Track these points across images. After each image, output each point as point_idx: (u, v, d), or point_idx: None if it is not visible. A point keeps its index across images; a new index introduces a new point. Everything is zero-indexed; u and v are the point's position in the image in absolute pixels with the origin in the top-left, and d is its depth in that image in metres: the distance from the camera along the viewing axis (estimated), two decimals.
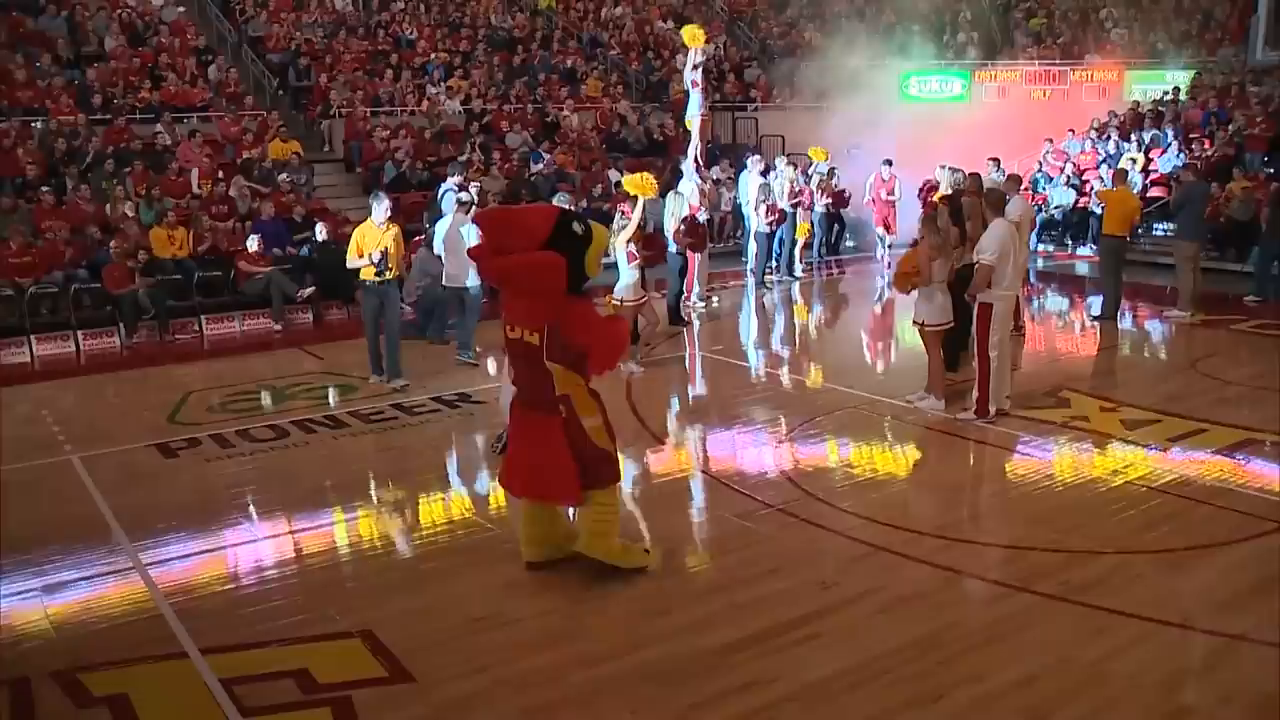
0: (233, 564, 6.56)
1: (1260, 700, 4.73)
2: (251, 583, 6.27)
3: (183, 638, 5.51)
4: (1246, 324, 12.91)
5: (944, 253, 9.09)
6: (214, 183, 16.27)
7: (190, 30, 21.23)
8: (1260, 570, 6.01)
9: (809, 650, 5.19)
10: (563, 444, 5.82)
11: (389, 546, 6.87)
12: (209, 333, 13.93)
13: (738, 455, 8.56)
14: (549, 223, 5.78)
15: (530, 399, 5.99)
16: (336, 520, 7.25)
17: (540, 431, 5.91)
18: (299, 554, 6.69)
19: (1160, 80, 23.52)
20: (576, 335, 5.76)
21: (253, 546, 6.80)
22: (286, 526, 7.12)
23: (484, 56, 23.20)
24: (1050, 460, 8.02)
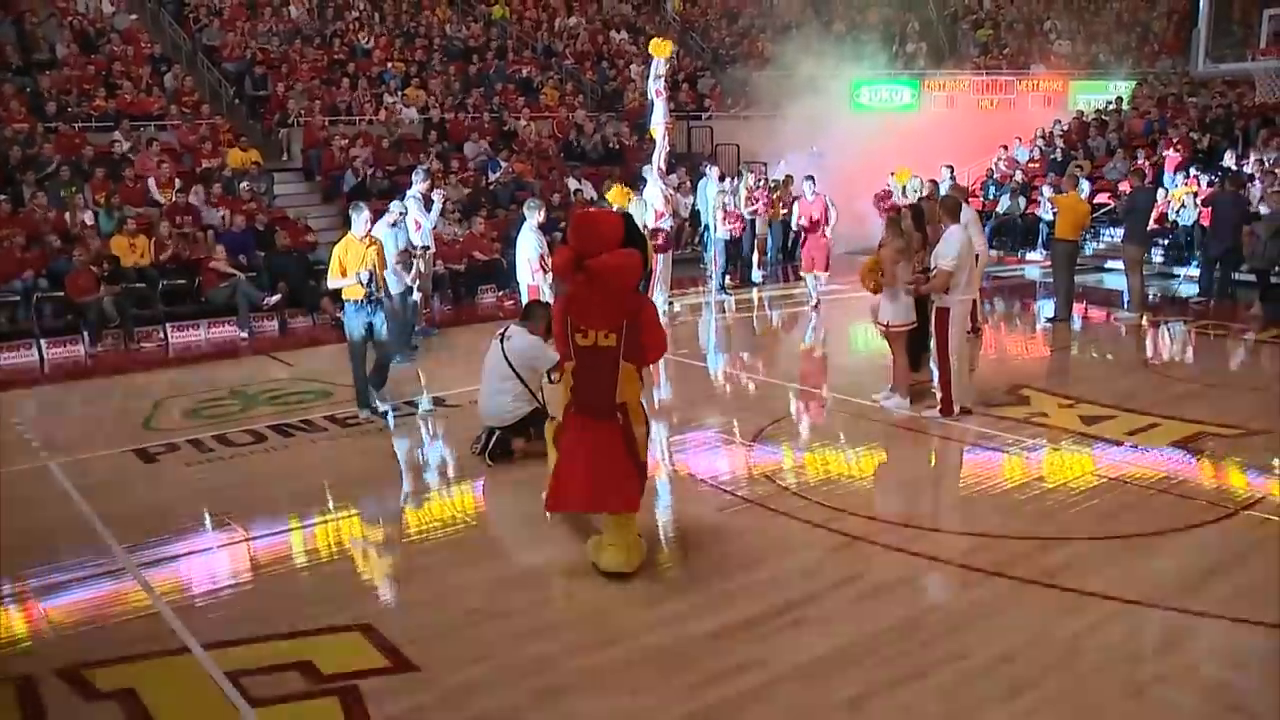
0: (225, 564, 6.64)
1: (1221, 670, 5.02)
2: (245, 581, 6.37)
3: (183, 634, 5.60)
4: (1194, 324, 13.37)
5: (907, 255, 9.37)
6: (174, 191, 16.26)
7: (144, 38, 21.12)
8: (1218, 552, 6.33)
9: (796, 634, 5.40)
10: (623, 451, 6.00)
11: (379, 544, 7.02)
12: (174, 340, 13.95)
13: (711, 453, 8.76)
14: (621, 225, 6.06)
15: (594, 406, 6.06)
16: (324, 520, 7.35)
17: (602, 439, 6.02)
18: (290, 553, 6.78)
19: (1103, 90, 24.24)
20: (645, 332, 5.99)
21: (243, 546, 6.89)
22: (275, 527, 7.20)
23: (440, 66, 23.31)
24: (1015, 454, 8.31)
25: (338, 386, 10.90)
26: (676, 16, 30.06)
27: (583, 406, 6.12)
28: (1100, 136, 21.05)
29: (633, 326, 5.94)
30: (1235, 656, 5.15)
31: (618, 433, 6.01)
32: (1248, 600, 5.66)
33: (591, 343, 5.97)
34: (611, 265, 5.85)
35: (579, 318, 6.01)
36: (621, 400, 6.02)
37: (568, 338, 6.04)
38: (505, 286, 16.21)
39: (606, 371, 5.97)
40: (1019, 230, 19.62)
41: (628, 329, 5.93)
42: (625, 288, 5.97)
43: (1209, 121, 20.04)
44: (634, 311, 5.98)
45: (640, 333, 5.97)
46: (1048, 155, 21.08)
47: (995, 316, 14.67)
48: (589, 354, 5.98)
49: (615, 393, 5.99)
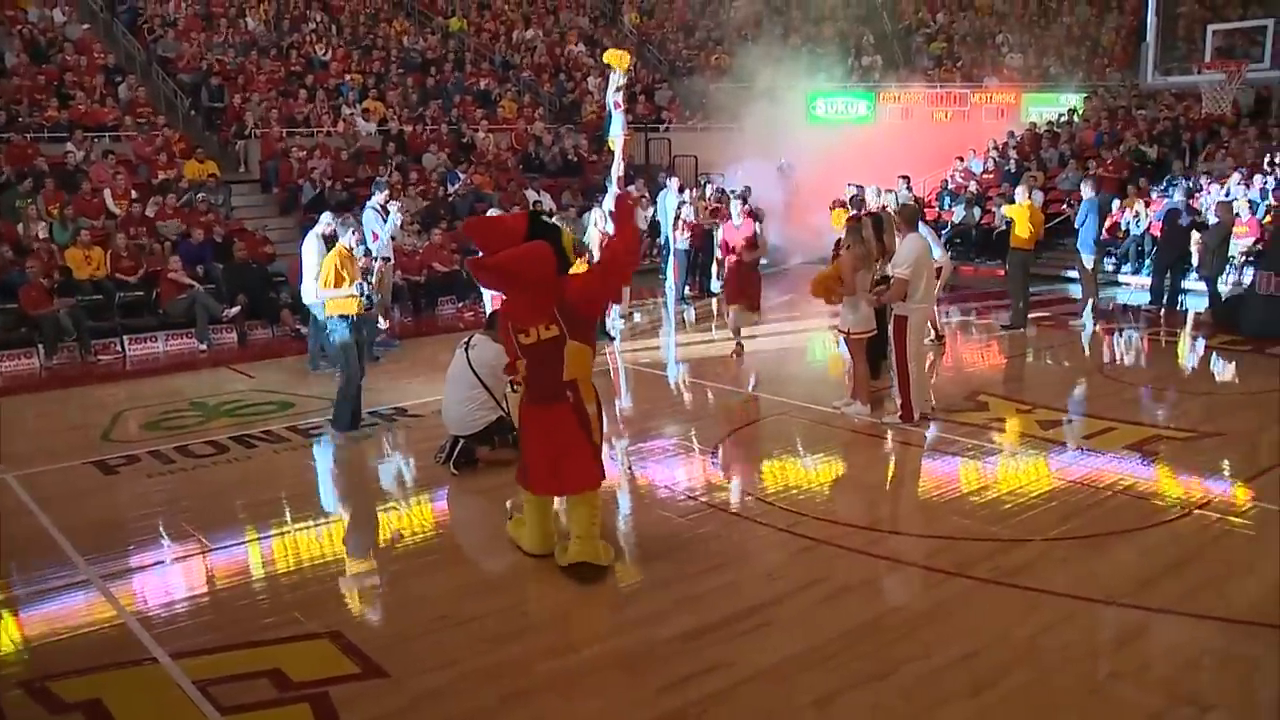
0: (191, 574, 6.60)
1: (1177, 664, 5.15)
2: (212, 591, 6.33)
3: (150, 644, 5.56)
4: (1144, 331, 13.63)
5: (867, 263, 9.50)
6: (130, 202, 16.13)
7: (97, 48, 20.93)
8: (1172, 551, 6.47)
9: (762, 637, 5.45)
10: (576, 428, 6.16)
11: (345, 553, 6.98)
12: (132, 353, 13.81)
13: (672, 461, 8.81)
14: (523, 220, 6.26)
15: (542, 394, 6.21)
16: (289, 529, 7.31)
17: (553, 421, 6.18)
18: (256, 562, 6.75)
19: (1054, 103, 24.63)
20: (583, 292, 6.13)
21: (209, 556, 6.83)
22: (239, 537, 7.16)
23: (398, 78, 23.28)
24: (974, 459, 8.43)
25: (299, 397, 10.89)
26: (633, 29, 30.22)
27: (535, 398, 6.29)
28: (1053, 148, 21.40)
29: (566, 307, 6.06)
30: (1190, 652, 5.28)
31: (570, 412, 6.17)
32: (1201, 597, 5.81)
33: (535, 340, 6.12)
34: (517, 256, 5.98)
35: (516, 319, 6.18)
36: (570, 377, 6.16)
37: (512, 342, 6.24)
38: (465, 298, 16.23)
39: (554, 359, 6.12)
40: (974, 240, 19.88)
41: (563, 313, 6.05)
42: (542, 278, 6.05)
43: (1157, 134, 20.45)
44: (561, 296, 6.07)
45: (579, 301, 6.12)
46: (1001, 166, 21.40)
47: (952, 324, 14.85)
48: (535, 350, 6.12)
49: (564, 372, 6.13)
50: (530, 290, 6.08)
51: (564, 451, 6.18)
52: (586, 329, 6.24)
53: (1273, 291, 12.84)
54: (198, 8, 23.50)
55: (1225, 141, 19.33)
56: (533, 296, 6.09)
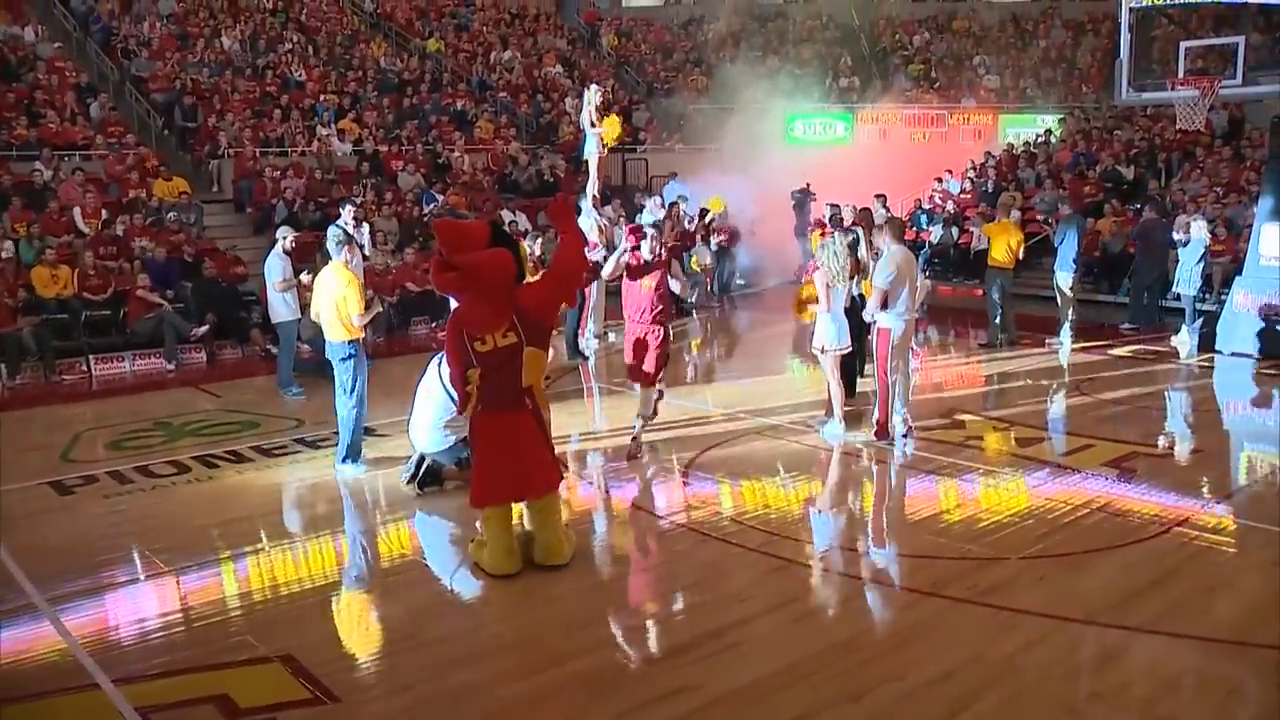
0: (141, 597, 6.38)
1: (1156, 684, 5.00)
2: (163, 614, 6.11)
3: (93, 670, 5.34)
4: (1123, 349, 13.56)
5: (840, 279, 9.39)
6: (101, 222, 15.91)
7: (69, 67, 20.73)
8: (1150, 568, 6.34)
9: (731, 658, 5.29)
10: (536, 433, 6.22)
11: (302, 574, 6.76)
12: (98, 373, 13.54)
13: (646, 480, 8.64)
14: (485, 230, 6.32)
15: (500, 401, 6.20)
16: (246, 550, 7.08)
17: (514, 426, 6.20)
18: (211, 585, 6.53)
19: (1031, 124, 24.69)
20: (539, 299, 6.31)
21: (162, 579, 6.61)
22: (194, 558, 6.91)
23: (374, 99, 23.16)
24: (949, 477, 8.29)
25: (265, 417, 10.68)
26: (611, 51, 30.22)
27: (490, 404, 6.24)
28: (1030, 168, 21.41)
29: (523, 313, 6.15)
30: (1169, 672, 5.13)
31: (529, 417, 6.25)
32: (1178, 615, 5.68)
33: (492, 347, 6.13)
34: (481, 260, 6.04)
35: (472, 327, 6.17)
36: (528, 383, 6.23)
37: (465, 350, 6.18)
38: (439, 318, 16.02)
39: (512, 365, 6.15)
40: (952, 260, 19.83)
41: (521, 320, 6.14)
42: (502, 285, 6.12)
43: (1133, 154, 20.49)
44: (519, 303, 6.17)
45: (534, 312, 6.23)
46: (979, 187, 21.39)
47: (932, 343, 14.76)
48: (493, 357, 6.13)
49: (522, 378, 6.18)
50: (490, 296, 6.08)
51: (526, 455, 6.22)
52: (543, 335, 6.36)
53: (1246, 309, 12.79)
54: (173, 27, 23.36)
55: (1201, 162, 19.37)
56: (492, 303, 6.10)
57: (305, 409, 10.86)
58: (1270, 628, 5.49)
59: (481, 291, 6.09)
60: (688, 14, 32.62)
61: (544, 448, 6.36)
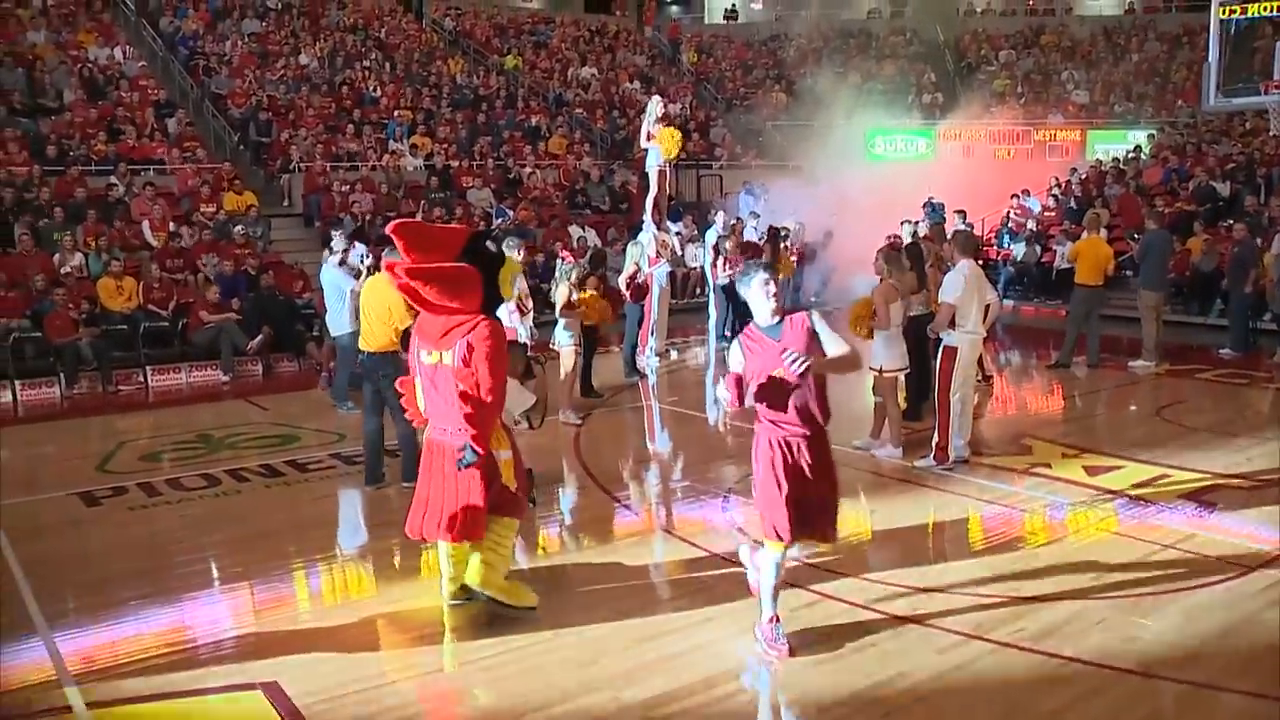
0: (138, 616, 6.08)
1: None
2: (154, 635, 5.81)
3: (71, 695, 5.07)
4: (1211, 373, 12.76)
5: (901, 295, 8.87)
6: (169, 235, 16.01)
7: (150, 84, 21.06)
8: (1223, 615, 5.69)
9: (739, 705, 4.83)
10: (475, 476, 5.51)
11: (299, 597, 6.44)
12: (154, 384, 13.53)
13: (684, 504, 8.21)
14: (461, 238, 5.61)
15: (444, 426, 5.64)
16: (253, 570, 6.79)
17: (445, 461, 5.58)
18: (204, 605, 6.24)
19: (1121, 140, 23.76)
20: (480, 362, 5.44)
21: (162, 598, 6.33)
22: (194, 577, 6.65)
23: (448, 114, 23.14)
24: (1010, 507, 7.71)
25: (306, 431, 10.49)
26: (691, 67, 29.92)
27: (433, 431, 5.74)
28: (1118, 185, 20.52)
29: (469, 347, 5.44)
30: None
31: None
32: (1254, 671, 5.05)
33: (435, 361, 5.57)
34: (442, 274, 5.39)
35: (421, 334, 5.68)
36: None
37: (413, 359, 5.74)
38: None
39: (449, 392, 5.51)
40: (1034, 278, 19.05)
41: (464, 349, 5.44)
42: (463, 303, 5.47)
43: (1229, 169, 19.50)
44: (469, 334, 5.45)
45: (476, 360, 5.44)
46: (1063, 204, 20.56)
47: (1006, 364, 14.08)
48: (434, 372, 5.60)
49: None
50: (444, 313, 5.51)
51: (457, 497, 5.55)
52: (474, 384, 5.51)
53: None
54: (254, 46, 23.66)
55: None
56: (446, 320, 5.52)
57: (349, 424, 10.62)
58: None
59: (436, 305, 5.49)
60: (769, 30, 32.23)
61: (481, 493, 5.53)
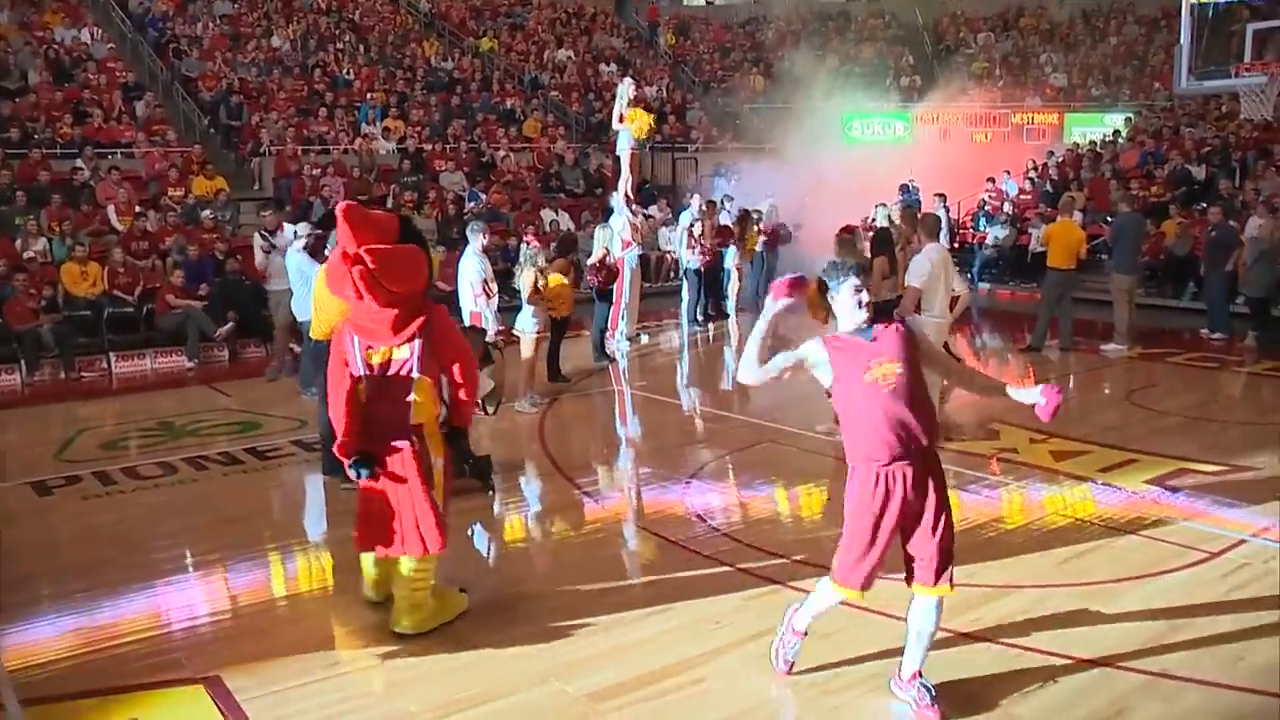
0: (80, 610, 5.93)
1: None
2: (97, 629, 5.66)
3: (5, 692, 4.93)
4: (1183, 357, 12.72)
5: None
6: (134, 218, 15.77)
7: (119, 67, 20.77)
8: (1185, 602, 5.62)
9: (688, 697, 4.71)
10: (419, 480, 5.25)
11: (247, 589, 6.28)
12: (118, 370, 13.32)
13: (646, 491, 8.11)
14: (395, 222, 5.36)
15: (385, 432, 5.30)
16: (202, 560, 6.66)
17: (394, 468, 5.27)
18: (155, 598, 6.09)
19: (1099, 123, 23.71)
20: (447, 344, 5.32)
21: (105, 591, 6.16)
22: (140, 568, 6.48)
23: (422, 97, 22.91)
24: (973, 492, 7.63)
25: (268, 418, 10.33)
26: (668, 50, 29.72)
27: (373, 435, 5.32)
28: (1094, 168, 20.46)
29: (429, 337, 5.22)
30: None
31: (413, 458, 5.27)
32: (1216, 659, 4.97)
33: (384, 359, 5.23)
34: (395, 255, 5.08)
35: (365, 333, 5.26)
36: (417, 422, 5.29)
37: (352, 358, 5.28)
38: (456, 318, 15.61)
39: (398, 390, 5.23)
40: (1010, 262, 18.99)
41: (424, 340, 5.20)
42: (412, 288, 5.20)
43: (1205, 153, 19.47)
44: (427, 320, 5.23)
45: (441, 345, 5.27)
46: (1039, 187, 20.50)
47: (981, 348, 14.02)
48: (380, 373, 5.26)
49: (409, 414, 5.25)
50: (394, 298, 5.13)
51: (403, 504, 5.27)
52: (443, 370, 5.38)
53: None
54: (226, 27, 23.37)
55: (1278, 160, 18.28)
56: (395, 312, 5.16)
57: (312, 410, 10.43)
58: None
59: (386, 290, 5.09)
60: (748, 13, 32.04)
61: (425, 502, 5.25)
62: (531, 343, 10.34)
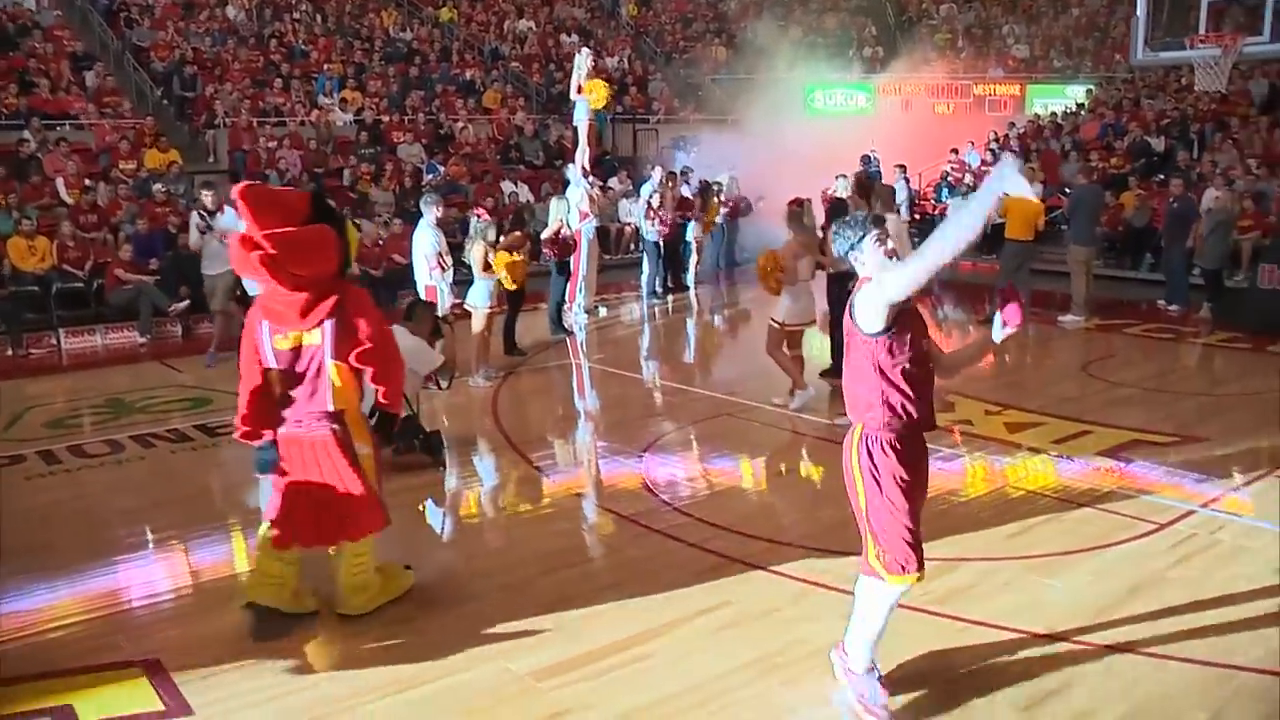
0: (17, 592, 5.79)
1: (1122, 712, 4.31)
2: (35, 610, 5.55)
3: None
4: (1139, 328, 12.78)
5: (810, 249, 8.75)
6: (83, 191, 15.47)
7: (66, 35, 20.32)
8: (1132, 574, 5.63)
9: (634, 674, 4.66)
10: (348, 464, 5.06)
11: (200, 570, 6.19)
12: (68, 347, 13.09)
13: (598, 465, 8.06)
14: (304, 201, 5.12)
15: (301, 420, 5.08)
16: (148, 540, 6.55)
17: (317, 456, 5.06)
18: (96, 578, 5.97)
19: (1060, 95, 23.74)
20: (361, 327, 5.00)
21: (44, 573, 6.03)
22: (87, 551, 6.35)
23: (380, 68, 22.61)
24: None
25: (220, 393, 10.13)
26: (630, 20, 29.46)
27: (291, 422, 5.10)
28: (1055, 139, 20.51)
29: (342, 320, 4.96)
30: (1137, 698, 4.44)
31: (335, 445, 5.05)
32: (1162, 631, 4.97)
33: (293, 344, 4.99)
34: (299, 237, 4.85)
35: (274, 316, 5.00)
36: (338, 408, 5.07)
37: (262, 345, 5.02)
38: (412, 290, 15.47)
39: (316, 377, 5.00)
40: None
41: (336, 323, 4.95)
42: (321, 270, 4.95)
43: (1164, 125, 19.55)
44: (340, 301, 4.97)
45: (355, 330, 4.99)
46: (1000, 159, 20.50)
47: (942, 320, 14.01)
48: (292, 359, 5.02)
49: (327, 400, 5.03)
50: (303, 281, 4.90)
51: (333, 493, 5.05)
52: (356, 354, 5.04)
53: (1275, 285, 11.99)
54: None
55: (1235, 133, 18.38)
56: (305, 296, 4.92)
57: None
58: (1260, 648, 4.80)
59: (290, 274, 4.85)
60: None
61: (357, 484, 5.05)
62: (483, 317, 10.22)
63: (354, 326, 4.99)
